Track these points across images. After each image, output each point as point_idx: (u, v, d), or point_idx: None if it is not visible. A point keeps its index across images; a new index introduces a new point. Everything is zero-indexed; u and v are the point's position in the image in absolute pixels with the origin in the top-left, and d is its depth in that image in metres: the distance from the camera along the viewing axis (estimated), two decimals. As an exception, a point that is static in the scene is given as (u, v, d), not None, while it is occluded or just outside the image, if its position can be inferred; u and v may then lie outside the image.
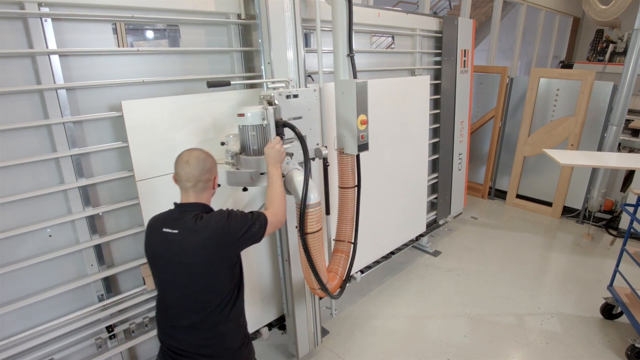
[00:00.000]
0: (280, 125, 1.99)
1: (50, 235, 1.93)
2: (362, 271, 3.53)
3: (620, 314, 3.22)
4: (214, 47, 2.34)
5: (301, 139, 1.99)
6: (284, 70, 2.29)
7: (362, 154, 2.51)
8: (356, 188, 2.52)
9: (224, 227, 1.54)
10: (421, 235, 4.22)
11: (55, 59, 1.79)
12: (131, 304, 2.22)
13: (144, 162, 2.02)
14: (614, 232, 4.72)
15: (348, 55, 2.40)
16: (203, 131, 2.23)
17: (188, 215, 1.56)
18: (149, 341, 2.34)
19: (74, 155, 1.91)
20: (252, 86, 2.48)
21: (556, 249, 4.45)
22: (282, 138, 1.95)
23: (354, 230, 2.54)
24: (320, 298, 2.92)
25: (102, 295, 2.13)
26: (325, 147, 2.38)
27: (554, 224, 5.08)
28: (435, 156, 4.27)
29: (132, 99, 1.99)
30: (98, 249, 2.07)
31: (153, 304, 2.27)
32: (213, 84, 1.99)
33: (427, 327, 3.19)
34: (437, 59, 4.08)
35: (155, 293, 2.22)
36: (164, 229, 1.56)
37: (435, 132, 4.21)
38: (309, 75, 2.53)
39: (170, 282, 1.60)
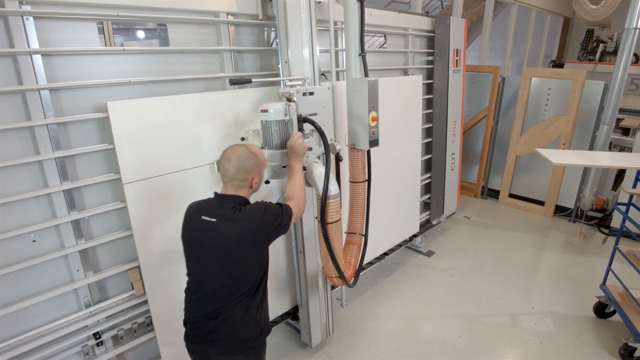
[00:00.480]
0: (301, 121, 2.09)
1: (34, 241, 1.87)
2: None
3: (613, 312, 3.23)
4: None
5: (322, 133, 2.11)
6: (300, 68, 2.37)
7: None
8: (366, 182, 2.59)
9: (261, 219, 1.61)
10: (414, 236, 4.20)
11: (37, 58, 1.74)
12: (119, 309, 2.16)
13: (131, 164, 1.97)
14: (606, 231, 4.74)
15: (360, 54, 2.47)
16: (200, 131, 2.19)
17: (227, 205, 1.62)
18: (138, 347, 2.29)
19: (58, 158, 1.85)
20: (266, 84, 2.52)
21: (549, 247, 4.46)
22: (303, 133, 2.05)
23: (364, 222, 2.60)
24: (333, 288, 3.06)
25: (88, 301, 2.08)
26: (338, 142, 2.45)
27: (546, 222, 5.10)
28: (428, 156, 4.26)
29: (121, 99, 1.93)
30: (84, 253, 2.02)
31: (141, 309, 2.24)
32: (236, 82, 2.09)
33: (421, 329, 3.17)
34: (430, 58, 4.07)
35: (144, 298, 2.20)
36: (203, 217, 1.62)
37: (428, 132, 4.19)
38: (323, 74, 2.58)
39: (204, 268, 1.66)
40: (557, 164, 2.72)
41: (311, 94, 2.22)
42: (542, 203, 5.30)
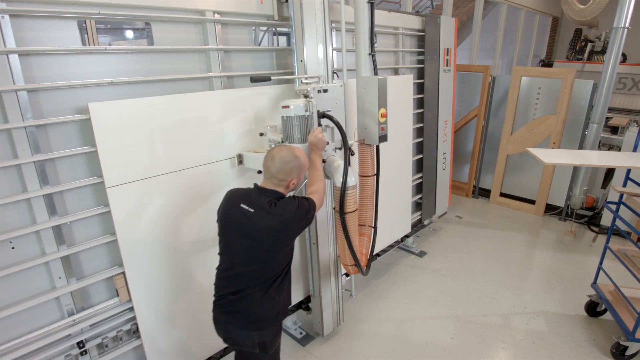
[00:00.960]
0: (320, 116, 2.18)
1: (13, 247, 1.80)
2: (346, 274, 3.47)
3: (605, 311, 3.24)
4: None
5: (340, 128, 2.21)
6: (314, 67, 2.48)
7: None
8: (375, 176, 2.68)
9: (294, 214, 1.72)
10: (406, 236, 4.18)
11: (14, 58, 1.67)
12: (104, 317, 2.10)
13: (115, 167, 1.91)
14: (596, 229, 4.77)
15: (369, 53, 2.57)
16: (194, 130, 2.14)
17: (264, 198, 1.73)
18: (124, 355, 2.22)
19: (37, 162, 1.78)
20: (281, 82, 2.61)
21: (540, 246, 4.47)
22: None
23: (374, 214, 2.69)
24: (347, 276, 3.23)
25: (71, 309, 2.01)
26: (349, 138, 2.48)
27: (537, 221, 5.12)
28: (420, 156, 4.24)
29: (106, 100, 1.87)
30: (66, 260, 1.95)
31: (127, 316, 2.17)
32: (256, 79, 2.17)
33: (414, 330, 3.14)
34: (420, 57, 4.05)
35: (129, 305, 2.14)
36: (242, 205, 1.73)
37: (419, 132, 4.17)
38: (334, 72, 2.67)
39: (236, 252, 1.77)
40: (548, 164, 2.71)
41: (325, 91, 2.30)
42: (532, 202, 5.32)
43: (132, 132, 1.94)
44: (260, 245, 1.72)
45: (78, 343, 2.03)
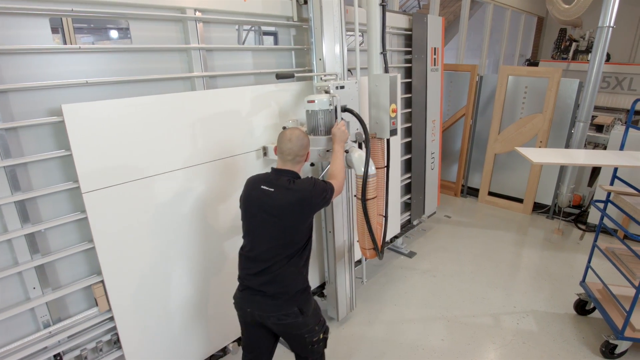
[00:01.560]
0: (343, 110, 2.34)
1: (-18, 258, 1.71)
2: (357, 262, 3.43)
3: (593, 309, 3.24)
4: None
5: (361, 121, 2.41)
6: (332, 65, 2.63)
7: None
8: (385, 168, 2.87)
9: (311, 190, 1.86)
10: (396, 237, 4.15)
11: (-20, 58, 1.58)
12: (82, 328, 2.01)
13: (91, 171, 1.82)
14: (583, 227, 4.80)
15: (381, 53, 2.80)
16: (182, 130, 2.05)
17: (283, 178, 1.88)
18: (105, 367, 2.14)
19: (7, 167, 1.69)
20: (300, 79, 2.75)
21: (528, 245, 4.48)
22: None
23: (384, 204, 2.85)
24: (358, 263, 3.42)
25: (47, 320, 1.92)
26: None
27: (525, 220, 5.13)
28: (408, 156, 4.21)
29: (82, 101, 1.78)
30: (41, 269, 1.86)
31: (107, 326, 2.09)
32: (281, 76, 2.39)
33: (404, 332, 3.10)
34: (408, 57, 4.01)
35: (109, 315, 2.06)
36: (262, 187, 1.87)
37: (407, 132, 4.14)
38: (349, 70, 2.82)
39: (260, 231, 1.88)
40: (537, 163, 2.70)
41: (342, 87, 2.45)
42: (520, 200, 5.34)
43: (110, 135, 1.86)
44: (283, 220, 1.84)
45: (55, 356, 1.94)
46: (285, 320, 1.89)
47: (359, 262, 3.54)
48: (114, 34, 5.37)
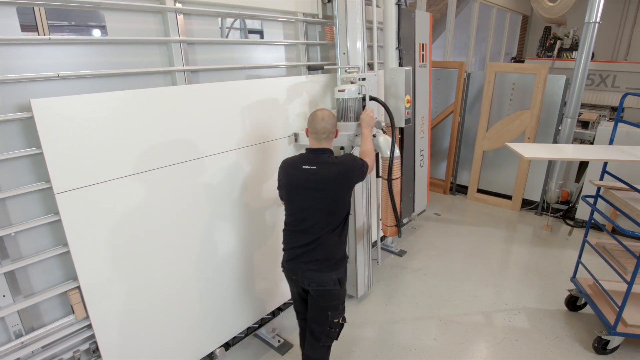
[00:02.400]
0: (369, 99, 2.58)
1: (-55, 264, 1.59)
2: (373, 244, 3.38)
3: (585, 305, 3.23)
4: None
5: (387, 109, 2.66)
6: (354, 59, 2.83)
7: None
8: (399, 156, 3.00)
9: (352, 163, 2.04)
10: (385, 235, 4.08)
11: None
12: (58, 337, 1.90)
13: (64, 170, 1.71)
14: (571, 223, 4.82)
15: (396, 48, 3.03)
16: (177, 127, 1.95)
17: (323, 156, 2.03)
18: (83, 377, 2.02)
19: (-29, 166, 1.58)
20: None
21: (518, 242, 4.47)
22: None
23: (399, 190, 2.97)
24: (379, 242, 3.73)
25: (19, 330, 1.80)
26: (382, 120, 2.80)
27: (514, 216, 5.13)
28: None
29: (55, 96, 1.66)
30: (11, 276, 1.74)
31: (85, 335, 1.98)
32: (313, 68, 2.72)
33: (396, 333, 3.04)
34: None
35: (87, 322, 1.95)
36: (304, 166, 2.01)
37: (396, 129, 4.09)
38: (368, 64, 3.02)
39: (308, 206, 2.02)
40: (528, 158, 2.66)
41: (364, 79, 2.61)
42: (509, 197, 5.34)
43: (84, 132, 1.75)
44: (329, 193, 1.99)
45: (28, 367, 1.82)
46: (325, 287, 2.06)
47: (373, 244, 3.70)
48: (96, 33, 5.20)
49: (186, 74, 2.18)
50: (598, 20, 3.95)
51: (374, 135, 2.50)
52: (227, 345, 2.64)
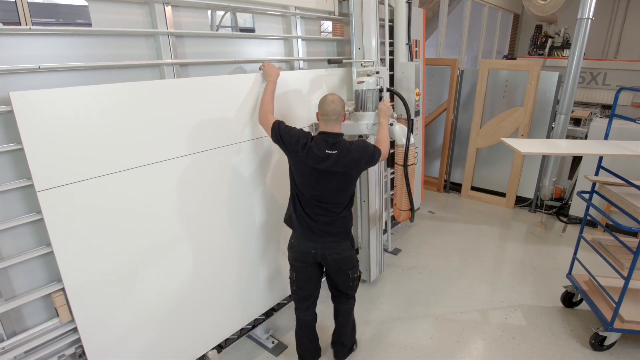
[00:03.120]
0: (385, 90, 2.76)
1: None
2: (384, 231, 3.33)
3: (580, 301, 3.21)
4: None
5: (403, 99, 2.86)
6: (369, 53, 2.98)
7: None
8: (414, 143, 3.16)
9: (366, 148, 2.20)
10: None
11: None
12: (42, 341, 1.82)
13: (47, 167, 1.63)
14: (565, 219, 4.82)
15: (406, 44, 3.21)
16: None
17: (342, 140, 2.17)
18: (69, 383, 1.95)
19: (-53, 163, 1.50)
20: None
21: (512, 239, 4.45)
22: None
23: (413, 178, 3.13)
24: (389, 229, 3.87)
25: (0, 334, 1.72)
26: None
27: (508, 214, 5.12)
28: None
29: (36, 89, 1.59)
30: (-9, 278, 1.66)
31: (71, 338, 1.90)
32: (333, 61, 2.84)
33: (392, 332, 3.00)
34: (390, 49, 3.91)
35: (72, 325, 1.87)
36: (327, 151, 2.11)
37: (390, 126, 4.05)
38: (381, 59, 3.20)
39: (329, 186, 2.17)
40: (525, 153, 2.64)
41: (377, 73, 2.76)
42: (503, 194, 5.33)
43: (69, 126, 1.67)
44: (348, 175, 2.18)
45: (10, 373, 1.74)
46: (343, 254, 2.32)
47: (384, 231, 3.82)
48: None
49: (175, 68, 2.11)
50: (591, 16, 3.95)
51: (391, 124, 2.62)
52: (219, 348, 2.57)
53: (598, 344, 2.75)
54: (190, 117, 2.10)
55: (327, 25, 3.50)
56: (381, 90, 2.73)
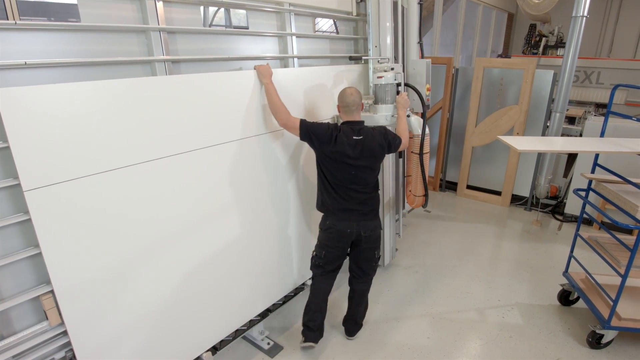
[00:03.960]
0: (403, 84, 3.05)
1: None
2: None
3: (577, 299, 3.21)
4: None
5: (419, 93, 3.18)
6: (384, 51, 3.20)
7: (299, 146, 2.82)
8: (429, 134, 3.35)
9: (387, 135, 2.47)
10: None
11: None
12: (31, 345, 1.77)
13: (34, 166, 1.59)
14: (560, 217, 4.82)
15: (418, 42, 3.45)
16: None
17: (365, 127, 2.42)
18: (59, 387, 1.90)
19: None
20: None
21: (508, 237, 4.45)
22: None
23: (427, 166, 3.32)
24: (401, 216, 3.99)
25: (-14, 339, 1.67)
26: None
27: (504, 212, 5.12)
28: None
29: (22, 85, 1.54)
30: (-23, 280, 1.61)
31: (60, 342, 1.86)
32: (354, 58, 3.19)
33: (388, 332, 2.97)
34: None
35: (62, 329, 1.82)
36: (354, 137, 2.34)
37: (385, 125, 4.04)
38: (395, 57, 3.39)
39: (361, 170, 2.40)
40: (522, 151, 2.62)
41: (392, 69, 2.92)
42: (498, 193, 5.33)
43: (58, 124, 1.62)
44: (377, 157, 2.44)
45: (-3, 379, 1.69)
46: (376, 231, 2.59)
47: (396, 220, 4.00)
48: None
49: (167, 64, 2.07)
50: (585, 14, 3.95)
51: (408, 116, 2.84)
52: (214, 349, 2.53)
53: (595, 342, 2.74)
54: (191, 116, 2.06)
55: (323, 24, 3.44)
56: (399, 85, 2.94)
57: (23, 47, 1.63)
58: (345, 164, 2.36)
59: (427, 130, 2.94)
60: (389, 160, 3.44)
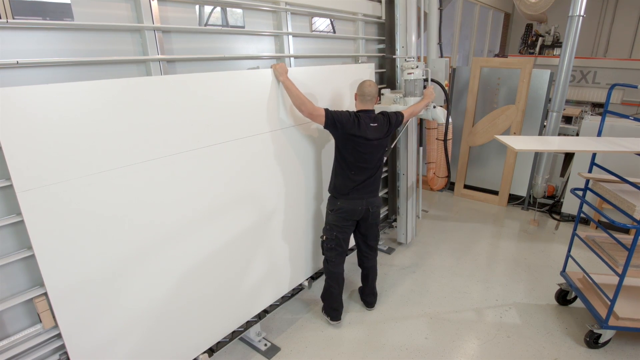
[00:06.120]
0: (429, 80, 3.37)
1: None
2: (313, 277, 3.25)
3: (575, 299, 3.20)
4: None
5: (444, 88, 3.47)
6: (410, 51, 3.62)
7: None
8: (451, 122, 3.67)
9: (390, 117, 2.78)
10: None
11: None
12: (24, 348, 1.75)
13: (27, 167, 1.56)
14: (557, 217, 4.82)
15: (438, 43, 3.79)
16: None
17: (377, 115, 2.73)
18: (53, 391, 1.87)
19: None
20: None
21: (506, 237, 4.44)
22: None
23: (450, 151, 3.74)
24: (420, 199, 4.24)
25: (-21, 342, 1.65)
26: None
27: (501, 212, 5.12)
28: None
29: (14, 85, 1.51)
30: (-31, 283, 1.59)
31: (54, 345, 1.83)
32: (387, 57, 3.81)
33: (386, 333, 2.96)
34: (381, 46, 3.89)
35: (56, 331, 1.80)
36: (371, 124, 2.65)
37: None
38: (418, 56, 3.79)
39: (373, 154, 2.71)
40: (519, 150, 2.62)
41: (417, 67, 3.19)
42: (496, 193, 5.33)
43: (50, 125, 1.60)
44: (383, 139, 2.74)
45: (-10, 383, 1.67)
46: (380, 207, 2.95)
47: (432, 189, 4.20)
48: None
49: (162, 64, 2.05)
50: (582, 13, 3.95)
51: (434, 107, 3.26)
52: (210, 351, 2.51)
53: (593, 341, 2.74)
54: (189, 116, 2.04)
55: (319, 24, 3.42)
56: (426, 80, 3.28)
57: (16, 46, 1.61)
58: (362, 147, 2.64)
59: (450, 119, 3.35)
60: (412, 148, 3.86)
